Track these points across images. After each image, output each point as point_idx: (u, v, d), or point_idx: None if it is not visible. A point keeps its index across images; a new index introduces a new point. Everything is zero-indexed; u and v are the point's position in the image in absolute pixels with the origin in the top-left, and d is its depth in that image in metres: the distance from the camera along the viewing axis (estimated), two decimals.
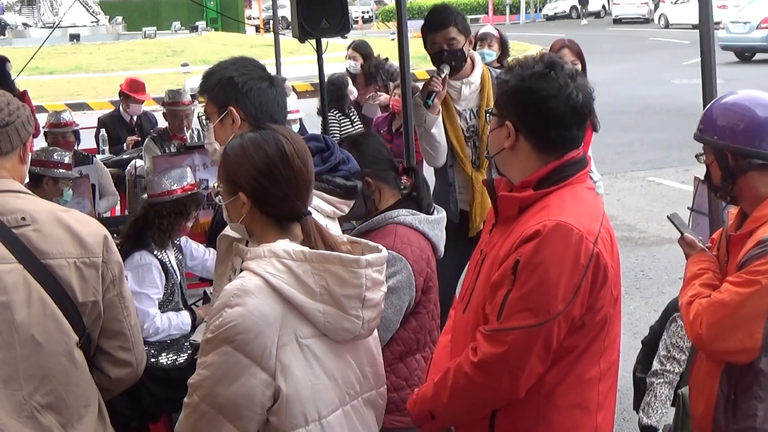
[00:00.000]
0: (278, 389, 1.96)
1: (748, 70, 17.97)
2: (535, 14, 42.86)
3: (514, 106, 2.25)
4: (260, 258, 1.99)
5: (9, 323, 2.16)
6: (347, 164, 2.60)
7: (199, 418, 1.99)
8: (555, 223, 2.13)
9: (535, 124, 2.24)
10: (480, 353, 2.16)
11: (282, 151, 2.05)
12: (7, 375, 2.17)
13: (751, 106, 2.63)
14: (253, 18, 38.60)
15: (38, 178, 4.96)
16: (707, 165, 2.73)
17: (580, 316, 2.16)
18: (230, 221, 2.18)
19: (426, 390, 2.34)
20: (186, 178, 4.28)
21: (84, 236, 2.28)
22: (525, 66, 2.25)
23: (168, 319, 4.11)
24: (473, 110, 4.25)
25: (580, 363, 2.23)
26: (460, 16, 4.17)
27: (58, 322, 2.23)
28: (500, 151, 2.30)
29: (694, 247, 2.88)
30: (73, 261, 2.25)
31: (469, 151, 4.24)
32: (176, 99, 6.55)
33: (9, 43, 26.98)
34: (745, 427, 2.60)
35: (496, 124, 2.31)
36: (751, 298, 2.50)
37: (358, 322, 2.03)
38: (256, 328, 1.93)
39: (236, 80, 2.52)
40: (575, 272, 2.12)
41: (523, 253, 2.13)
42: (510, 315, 2.13)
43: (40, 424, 2.21)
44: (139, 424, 4.21)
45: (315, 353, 2.01)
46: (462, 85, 4.23)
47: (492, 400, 2.22)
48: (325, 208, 2.51)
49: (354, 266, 2.00)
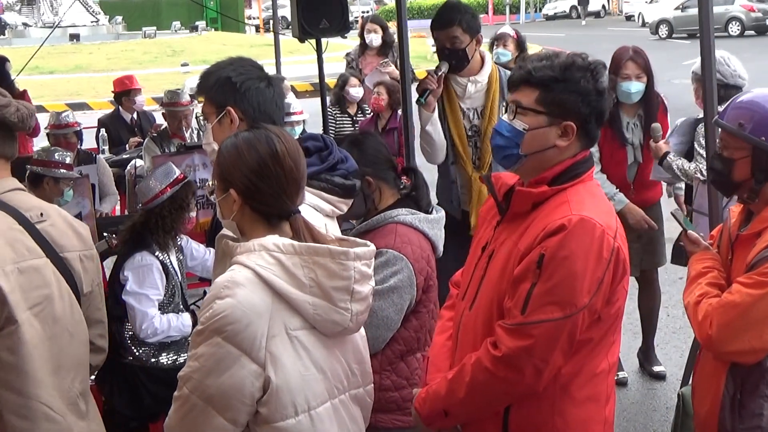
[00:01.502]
0: (268, 380, 1.98)
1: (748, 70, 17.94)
2: (535, 14, 42.90)
3: (579, 106, 2.21)
4: (250, 251, 2.02)
5: (52, 316, 2.30)
6: (345, 163, 2.61)
7: (189, 410, 2.01)
8: (579, 218, 2.15)
9: (593, 125, 2.26)
10: (504, 347, 2.17)
11: (274, 150, 2.08)
12: (56, 365, 2.32)
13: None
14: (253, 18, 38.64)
15: (39, 178, 4.95)
16: (733, 158, 2.66)
17: (600, 310, 2.19)
18: (222, 218, 2.21)
19: (438, 387, 2.33)
20: (172, 172, 4.27)
21: (81, 230, 2.47)
22: (578, 66, 2.23)
23: (168, 321, 4.11)
24: (478, 110, 4.22)
25: (594, 356, 2.26)
26: (468, 15, 4.12)
27: (79, 313, 2.39)
28: (546, 149, 2.26)
29: (698, 244, 2.88)
30: (78, 254, 2.42)
31: (470, 150, 4.22)
32: (175, 99, 6.55)
33: (9, 43, 27.00)
34: (752, 427, 2.60)
35: (544, 122, 2.24)
36: (763, 299, 2.49)
37: (346, 314, 2.05)
38: (246, 319, 1.95)
39: (234, 80, 2.52)
40: (599, 266, 2.14)
41: (549, 247, 2.13)
42: (536, 308, 2.14)
43: (79, 410, 2.39)
44: (139, 424, 4.21)
45: (304, 345, 2.03)
46: (468, 83, 4.19)
47: (512, 395, 2.23)
48: (324, 207, 2.52)
49: (343, 258, 2.03)
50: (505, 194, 2.36)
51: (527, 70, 2.25)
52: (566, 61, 2.25)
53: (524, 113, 2.25)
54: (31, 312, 2.27)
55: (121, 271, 4.10)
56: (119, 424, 4.27)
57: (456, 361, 2.38)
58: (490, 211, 2.47)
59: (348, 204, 2.62)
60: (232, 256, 2.05)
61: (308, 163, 2.49)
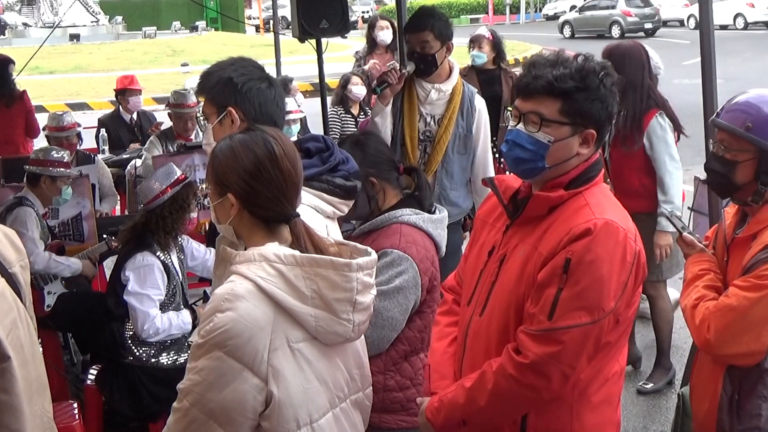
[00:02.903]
0: (270, 394, 1.94)
1: (748, 70, 17.96)
2: (535, 14, 42.81)
3: (600, 113, 2.19)
4: (250, 262, 1.97)
5: (20, 341, 2.02)
6: (346, 164, 2.60)
7: (189, 423, 1.97)
8: (605, 222, 2.13)
9: (608, 127, 2.26)
10: (531, 353, 2.13)
11: (271, 152, 2.04)
12: (29, 395, 2.06)
13: None
14: (253, 18, 38.61)
15: (36, 177, 4.94)
16: (736, 160, 2.63)
17: (621, 313, 2.18)
18: (217, 223, 2.16)
19: (455, 396, 2.28)
20: (173, 173, 4.27)
21: (12, 237, 2.15)
22: (593, 71, 2.19)
23: (168, 320, 4.11)
24: (435, 117, 4.27)
25: (609, 359, 2.25)
26: (441, 22, 4.17)
27: (33, 329, 2.11)
28: (569, 159, 2.22)
29: (694, 246, 2.87)
30: (19, 265, 2.11)
31: (418, 153, 4.27)
32: (181, 101, 6.49)
33: (9, 43, 27.01)
34: (750, 428, 2.60)
35: (568, 133, 2.19)
36: (760, 302, 2.49)
37: (348, 325, 2.01)
38: (247, 333, 1.91)
39: (236, 81, 2.51)
40: (623, 269, 2.13)
41: (575, 252, 2.11)
42: (564, 313, 2.11)
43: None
44: (139, 424, 4.22)
45: (306, 357, 2.00)
46: (432, 89, 4.25)
47: (535, 401, 2.20)
48: (325, 209, 2.50)
49: (345, 270, 1.99)
50: (510, 197, 2.34)
51: (548, 80, 2.16)
52: (582, 66, 2.19)
53: (548, 125, 2.18)
54: (8, 341, 1.96)
55: (122, 271, 4.11)
56: (119, 424, 4.28)
57: (465, 368, 2.35)
58: (490, 214, 2.43)
59: (349, 205, 2.60)
60: (231, 264, 2.01)
61: (310, 164, 2.48)
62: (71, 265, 4.89)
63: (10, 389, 1.97)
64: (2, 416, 1.97)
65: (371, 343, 2.64)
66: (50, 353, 4.94)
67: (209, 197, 2.15)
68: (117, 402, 4.13)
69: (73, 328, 5.02)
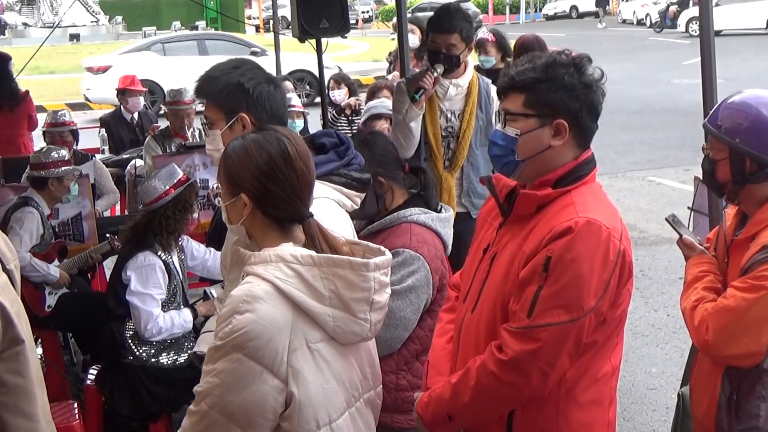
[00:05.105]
0: (291, 395, 1.94)
1: (748, 70, 17.97)
2: (535, 14, 42.79)
3: (567, 102, 2.20)
4: (266, 263, 1.96)
5: (25, 330, 2.06)
6: (357, 158, 2.60)
7: (208, 426, 1.96)
8: (586, 220, 2.13)
9: (586, 119, 2.24)
10: (510, 351, 2.15)
11: (285, 151, 2.03)
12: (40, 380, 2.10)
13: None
14: (253, 18, 38.59)
15: (43, 180, 4.95)
16: (715, 159, 2.67)
17: (605, 312, 2.18)
18: (229, 223, 2.14)
19: (442, 391, 2.31)
20: (176, 174, 4.27)
21: (7, 240, 2.20)
22: (560, 63, 2.21)
23: (170, 319, 4.12)
24: (456, 112, 4.32)
25: (598, 359, 2.25)
26: (467, 24, 4.22)
27: (29, 325, 2.14)
28: (543, 151, 2.24)
29: (694, 248, 2.87)
30: (13, 264, 2.16)
31: (443, 149, 4.32)
32: (177, 98, 6.54)
33: (9, 42, 27.03)
34: (749, 428, 2.59)
35: (535, 125, 2.22)
36: (758, 303, 2.49)
37: (366, 325, 2.02)
38: (267, 335, 1.90)
39: (246, 86, 2.48)
40: (605, 268, 2.13)
41: (555, 250, 2.11)
42: (542, 312, 2.11)
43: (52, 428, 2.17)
44: (139, 424, 4.22)
45: (325, 357, 1.99)
46: (451, 85, 4.29)
47: (517, 399, 2.21)
48: (346, 203, 2.50)
49: (363, 270, 1.99)
50: (506, 196, 2.35)
51: (510, 76, 2.24)
52: (547, 60, 2.23)
53: (514, 119, 2.24)
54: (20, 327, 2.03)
55: (124, 271, 4.11)
56: (119, 424, 4.28)
57: (458, 364, 2.36)
58: (490, 212, 2.45)
59: (362, 197, 2.60)
60: (245, 264, 2.00)
61: (327, 159, 2.48)
62: (47, 274, 4.79)
63: (25, 373, 2.01)
64: (17, 399, 2.01)
65: (384, 342, 2.65)
66: (50, 353, 4.95)
67: (221, 197, 2.12)
68: (117, 402, 4.13)
69: (73, 328, 5.02)
